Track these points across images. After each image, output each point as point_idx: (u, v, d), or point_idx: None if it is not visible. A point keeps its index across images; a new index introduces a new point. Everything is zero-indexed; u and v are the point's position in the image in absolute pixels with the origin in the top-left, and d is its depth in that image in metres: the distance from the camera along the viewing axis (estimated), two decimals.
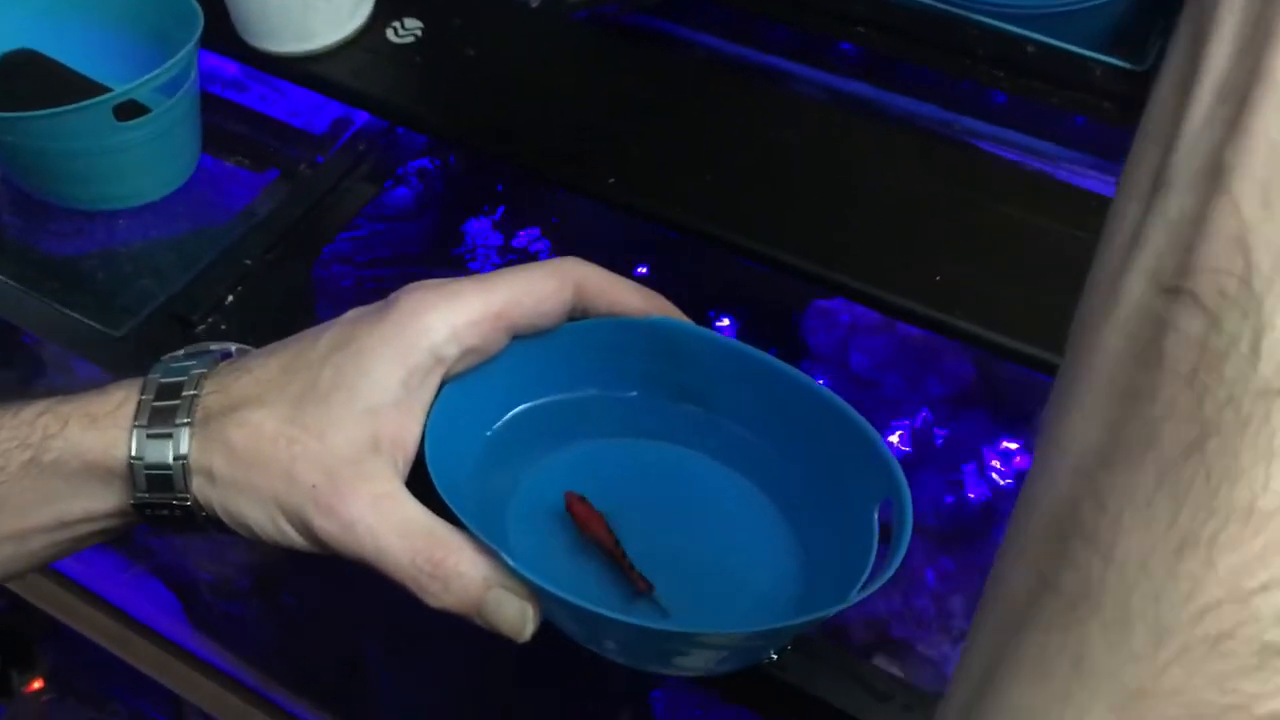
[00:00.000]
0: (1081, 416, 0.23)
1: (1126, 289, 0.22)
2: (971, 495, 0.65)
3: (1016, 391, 0.68)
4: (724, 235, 0.53)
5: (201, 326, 0.56)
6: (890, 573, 0.37)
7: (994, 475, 0.67)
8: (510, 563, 0.39)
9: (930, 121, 0.63)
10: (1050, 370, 0.48)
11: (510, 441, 0.46)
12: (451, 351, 0.43)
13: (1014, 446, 0.67)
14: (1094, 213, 0.53)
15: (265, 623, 1.00)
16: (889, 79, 0.65)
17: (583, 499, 0.43)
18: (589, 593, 0.43)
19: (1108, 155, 0.61)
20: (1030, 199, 0.53)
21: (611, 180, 0.56)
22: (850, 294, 0.51)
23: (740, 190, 0.55)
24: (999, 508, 0.66)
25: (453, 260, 0.67)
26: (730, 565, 0.44)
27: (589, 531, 0.43)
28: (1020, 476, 0.67)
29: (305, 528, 0.41)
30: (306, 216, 0.61)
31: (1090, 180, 0.58)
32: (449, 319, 0.43)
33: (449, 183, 0.70)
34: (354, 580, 0.43)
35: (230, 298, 0.57)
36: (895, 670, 0.51)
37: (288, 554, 0.42)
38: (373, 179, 0.65)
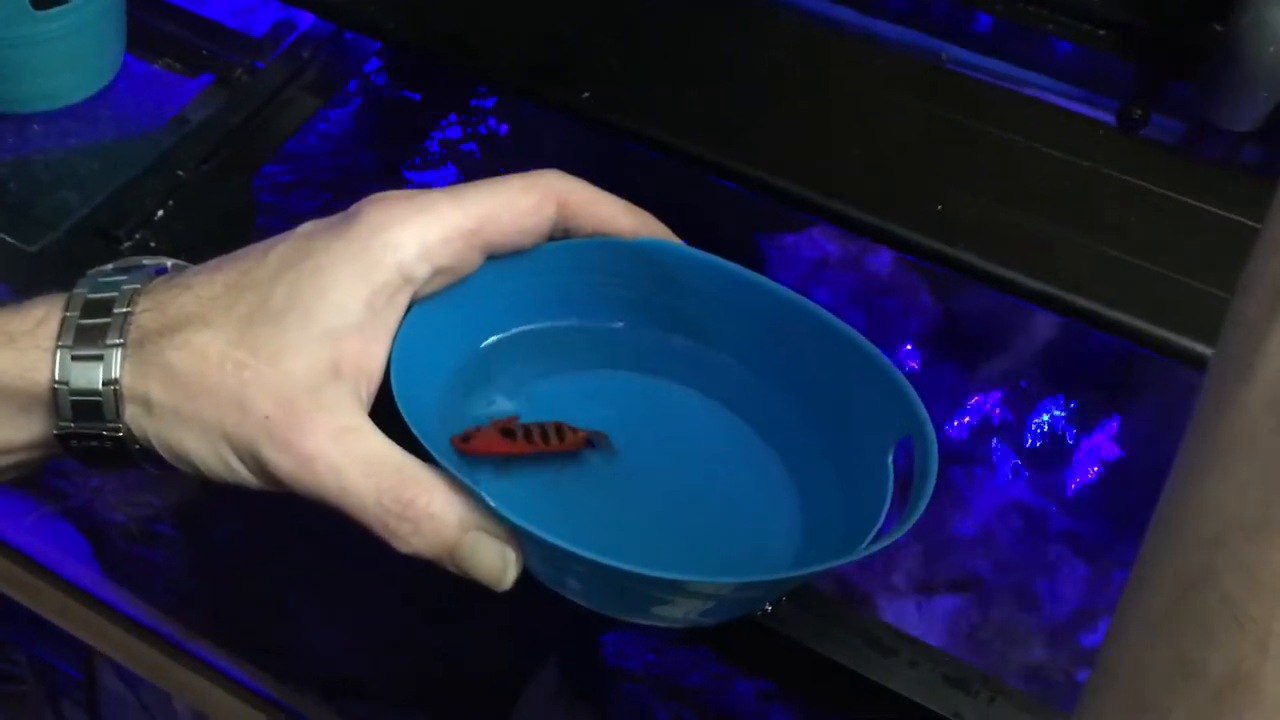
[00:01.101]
0: (1221, 484, 0.21)
1: (1267, 353, 0.21)
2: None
3: (983, 331, 0.66)
4: (710, 157, 0.50)
5: (128, 243, 0.51)
6: (911, 522, 0.34)
7: (964, 418, 0.65)
8: (490, 502, 0.35)
9: (921, 50, 0.60)
10: (1060, 308, 0.46)
11: (481, 372, 0.42)
12: (421, 271, 0.39)
13: (981, 390, 0.65)
14: (1098, 141, 0.51)
15: (184, 569, 0.96)
16: (879, 5, 0.62)
17: (472, 433, 0.40)
18: (566, 535, 0.39)
19: (1102, 86, 0.58)
20: (1032, 126, 0.51)
21: (586, 94, 0.52)
22: (849, 224, 0.48)
23: (727, 110, 0.52)
24: (966, 451, 0.64)
25: (408, 183, 0.62)
26: (722, 511, 0.41)
27: (492, 451, 0.40)
28: (988, 420, 0.65)
29: (257, 464, 0.37)
30: (245, 126, 0.56)
31: (1089, 110, 0.55)
32: (419, 234, 0.39)
33: (403, 96, 0.65)
34: (280, 523, 0.39)
35: (160, 212, 0.52)
36: None
37: (210, 494, 0.38)
38: (318, 89, 0.60)
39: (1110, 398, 0.64)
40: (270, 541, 0.77)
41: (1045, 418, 0.65)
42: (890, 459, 0.38)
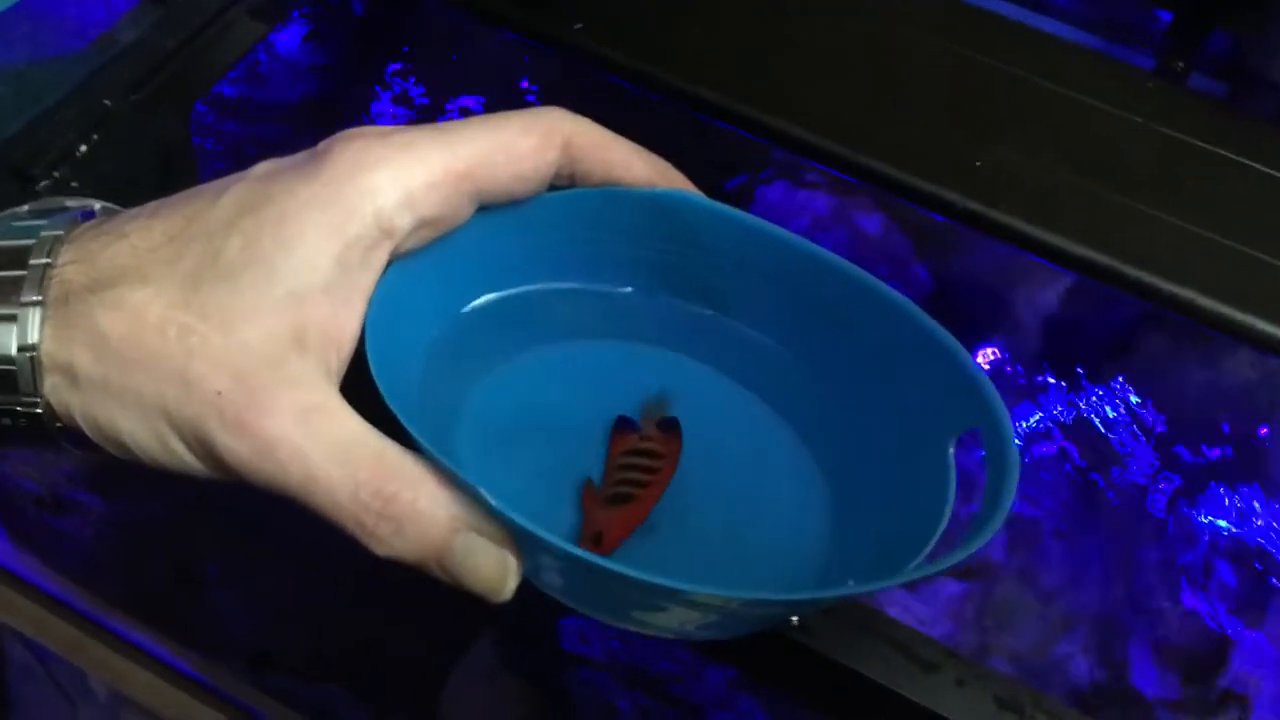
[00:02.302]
0: None
1: None
2: None
3: (979, 292, 0.62)
4: (721, 102, 0.44)
5: (45, 182, 0.45)
6: (986, 536, 0.29)
7: None
8: (491, 501, 0.30)
9: None
10: (1114, 280, 0.41)
11: (469, 340, 0.37)
12: (403, 221, 0.33)
13: (979, 353, 0.60)
14: (1146, 94, 0.46)
15: (98, 539, 0.90)
16: None
17: (599, 529, 0.34)
18: (559, 529, 0.34)
19: (1136, 37, 0.54)
20: (1075, 75, 0.46)
21: (579, 26, 0.46)
22: (877, 180, 0.43)
23: (738, 51, 0.46)
24: None
25: (375, 121, 0.56)
26: (742, 508, 0.36)
27: (629, 532, 0.34)
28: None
29: (204, 448, 0.31)
30: (182, 51, 0.49)
31: (1139, 59, 0.50)
32: (401, 179, 0.33)
33: (362, 22, 0.58)
34: (200, 490, 0.34)
35: (84, 147, 0.46)
36: None
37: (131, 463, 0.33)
38: (264, 13, 0.53)
39: (1113, 362, 0.61)
40: (190, 510, 0.71)
41: (1050, 384, 0.61)
42: (951, 454, 0.33)
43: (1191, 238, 0.42)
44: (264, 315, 0.32)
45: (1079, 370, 0.57)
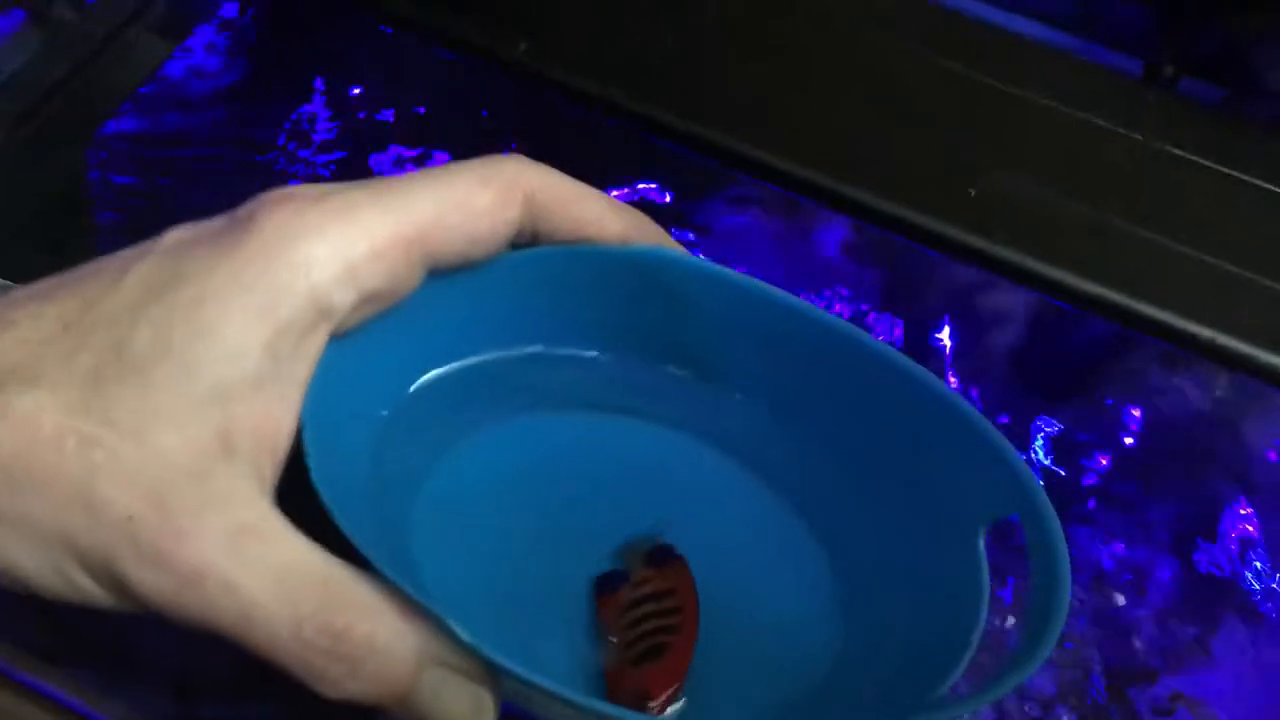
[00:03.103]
0: None
1: None
2: None
3: (946, 311, 0.58)
4: (689, 129, 0.40)
5: None
6: (1041, 656, 0.25)
7: None
8: (463, 635, 0.25)
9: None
10: (1128, 320, 0.38)
11: (421, 423, 0.33)
12: (344, 299, 0.29)
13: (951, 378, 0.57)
14: (1146, 108, 0.43)
15: None
16: None
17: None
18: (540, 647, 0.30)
19: (1121, 41, 0.51)
20: (1068, 87, 0.42)
21: (524, 46, 0.41)
22: (859, 211, 0.39)
23: (705, 66, 0.42)
24: None
25: (289, 153, 0.50)
26: (733, 605, 0.32)
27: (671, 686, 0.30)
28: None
29: (117, 583, 0.27)
30: (73, 79, 0.44)
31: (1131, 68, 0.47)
32: (340, 249, 0.29)
33: (277, 42, 0.53)
34: None
35: None
36: None
37: None
38: (166, 31, 0.48)
39: (1090, 381, 0.58)
40: None
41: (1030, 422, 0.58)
42: (981, 546, 0.29)
43: (1205, 269, 0.39)
44: (182, 419, 0.27)
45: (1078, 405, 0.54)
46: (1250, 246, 0.39)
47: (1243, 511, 0.53)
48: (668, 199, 0.55)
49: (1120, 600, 0.53)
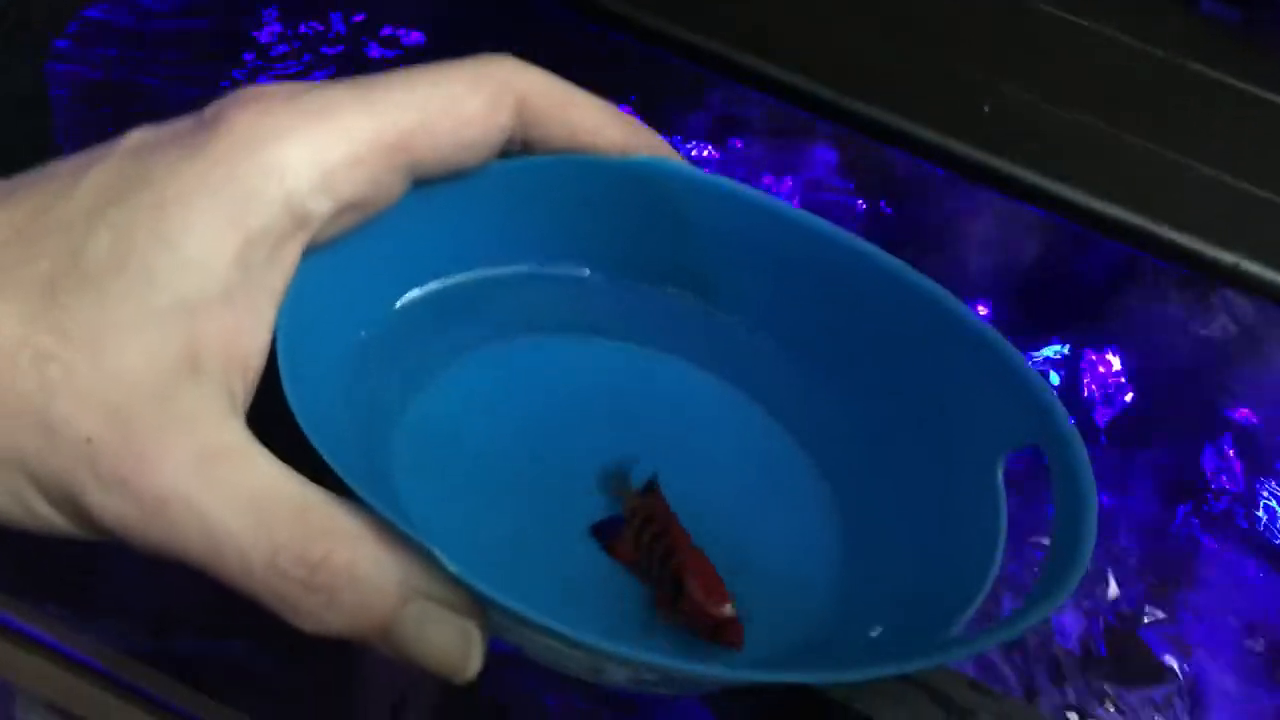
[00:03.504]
0: None
1: None
2: None
3: (942, 237, 0.56)
4: (695, 42, 0.38)
5: None
6: (1064, 595, 0.24)
7: None
8: (449, 565, 0.24)
9: None
10: (1150, 246, 0.36)
11: (405, 343, 0.31)
12: (320, 207, 0.27)
13: None
14: (1167, 22, 0.41)
15: None
16: None
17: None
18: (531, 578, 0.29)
19: None
20: (1093, 7, 0.40)
21: None
22: (866, 127, 0.37)
23: None
24: None
25: (267, 57, 0.48)
26: (734, 540, 0.30)
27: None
28: None
29: (77, 509, 0.25)
30: None
31: None
32: (316, 153, 0.27)
33: None
34: None
35: None
36: None
37: None
38: None
39: (1091, 316, 0.56)
40: None
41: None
42: (999, 478, 0.27)
43: (1226, 190, 0.37)
44: (144, 333, 0.25)
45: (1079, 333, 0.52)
46: (1273, 167, 0.38)
47: (1232, 451, 0.52)
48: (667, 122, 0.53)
49: (1119, 538, 0.52)
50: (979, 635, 0.24)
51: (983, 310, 0.53)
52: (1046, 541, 0.29)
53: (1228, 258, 0.36)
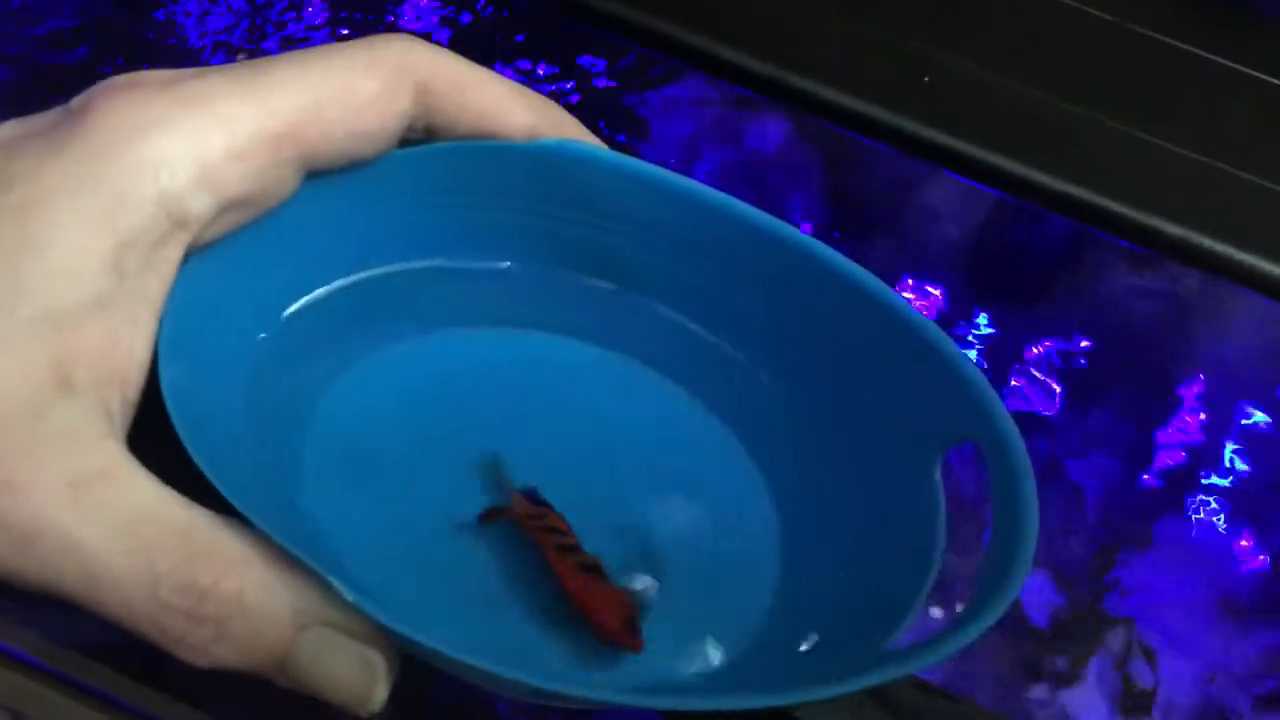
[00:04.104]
0: None
1: None
2: None
3: (893, 212, 0.55)
4: (629, 16, 0.36)
5: None
6: (1008, 601, 0.22)
7: None
8: (345, 593, 0.22)
9: None
10: (1096, 220, 0.35)
11: (306, 348, 0.29)
12: (201, 206, 0.25)
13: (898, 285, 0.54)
14: None
15: None
16: None
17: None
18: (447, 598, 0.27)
19: None
20: None
21: None
22: (802, 103, 0.36)
23: None
24: None
25: (161, 32, 0.45)
26: (660, 541, 0.28)
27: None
28: None
29: None
30: None
31: None
32: (193, 147, 0.25)
33: None
34: None
35: None
36: None
37: None
38: None
39: (1039, 288, 0.55)
40: None
41: (982, 321, 0.55)
42: (937, 477, 0.26)
43: (1178, 162, 0.36)
44: (9, 348, 0.23)
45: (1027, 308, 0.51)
46: (1226, 136, 0.36)
47: (1188, 418, 0.51)
48: (599, 95, 0.51)
49: (1065, 504, 0.51)
50: (910, 653, 0.23)
51: (935, 291, 0.51)
52: None
53: (1176, 230, 0.35)
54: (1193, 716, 0.47)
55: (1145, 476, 0.51)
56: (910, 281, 0.53)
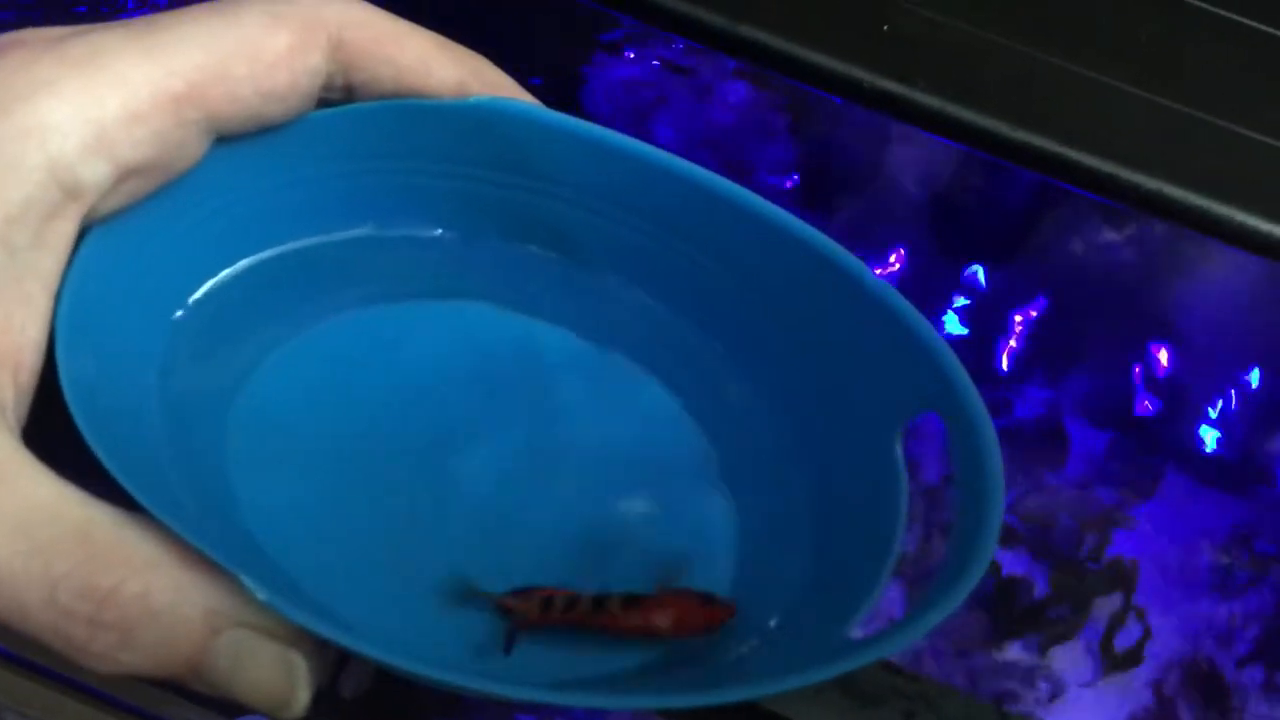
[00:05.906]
0: None
1: None
2: None
3: (866, 175, 0.53)
4: None
5: None
6: (971, 584, 0.21)
7: None
8: (258, 593, 0.21)
9: None
10: (1062, 170, 0.33)
11: (221, 324, 0.27)
12: (95, 174, 0.23)
13: (870, 252, 0.52)
14: None
15: None
16: None
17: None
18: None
19: None
20: None
21: None
22: (754, 53, 0.34)
23: None
24: None
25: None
26: (609, 523, 0.27)
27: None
28: None
29: None
30: None
31: None
32: (84, 109, 0.23)
33: None
34: None
35: None
36: None
37: None
38: None
39: (1011, 243, 0.53)
40: None
41: (949, 283, 0.53)
42: (899, 451, 0.24)
43: (1149, 109, 0.34)
44: None
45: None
46: (1202, 83, 0.35)
47: (1160, 371, 0.51)
48: (542, 53, 0.49)
49: (1043, 464, 0.50)
50: (873, 640, 0.21)
51: (897, 255, 0.50)
52: None
53: (1149, 183, 0.33)
54: (1181, 673, 0.47)
55: (1127, 436, 0.50)
56: (873, 243, 0.51)
